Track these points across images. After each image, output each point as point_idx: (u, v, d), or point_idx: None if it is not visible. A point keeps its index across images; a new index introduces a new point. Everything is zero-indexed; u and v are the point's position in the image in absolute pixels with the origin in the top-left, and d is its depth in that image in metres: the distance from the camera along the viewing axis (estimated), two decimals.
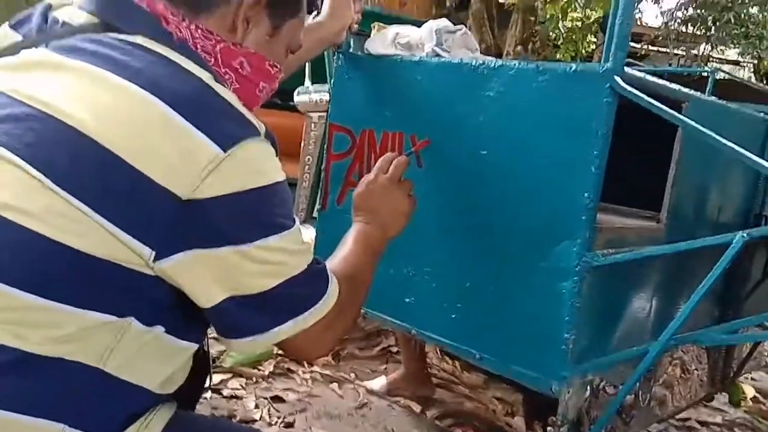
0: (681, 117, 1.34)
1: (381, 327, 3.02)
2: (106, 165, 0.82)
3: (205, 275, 0.87)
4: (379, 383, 2.62)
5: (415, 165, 1.66)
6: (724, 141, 1.28)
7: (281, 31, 1.05)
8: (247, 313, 0.91)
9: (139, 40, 0.91)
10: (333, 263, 1.13)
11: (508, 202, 1.52)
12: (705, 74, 2.32)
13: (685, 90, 1.61)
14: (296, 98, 3.96)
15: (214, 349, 1.18)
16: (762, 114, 2.06)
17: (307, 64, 4.11)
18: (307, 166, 3.87)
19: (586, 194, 1.38)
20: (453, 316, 1.64)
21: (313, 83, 4.10)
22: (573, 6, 9.42)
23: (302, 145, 3.92)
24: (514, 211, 1.51)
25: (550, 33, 9.57)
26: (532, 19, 8.81)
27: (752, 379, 3.37)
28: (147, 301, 0.88)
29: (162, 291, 0.88)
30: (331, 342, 1.03)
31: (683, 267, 1.70)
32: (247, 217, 0.88)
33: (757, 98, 2.57)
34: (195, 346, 0.99)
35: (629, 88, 1.32)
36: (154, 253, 0.84)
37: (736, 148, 1.27)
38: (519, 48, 8.02)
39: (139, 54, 0.89)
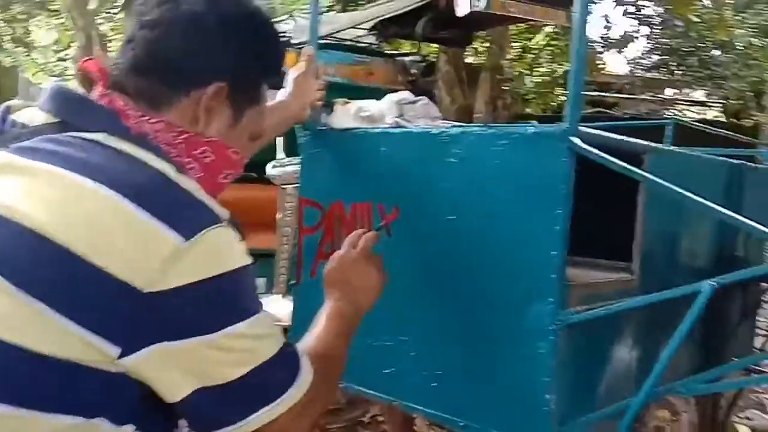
0: (640, 172, 1.36)
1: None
2: (65, 264, 0.81)
3: (171, 368, 0.86)
4: None
5: (385, 235, 1.67)
6: (685, 193, 1.30)
7: (242, 119, 1.06)
8: (216, 405, 0.90)
9: (98, 137, 0.92)
10: (305, 344, 1.12)
11: (478, 266, 1.53)
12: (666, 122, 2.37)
13: (644, 143, 1.64)
14: (270, 171, 3.99)
15: None
16: (722, 158, 2.10)
17: (278, 137, 4.17)
18: (285, 238, 3.87)
19: (553, 252, 1.39)
20: (433, 384, 1.62)
21: (286, 156, 4.15)
22: (539, 62, 9.67)
23: (278, 217, 3.94)
24: (486, 275, 1.51)
25: (519, 89, 9.79)
26: (500, 77, 9.02)
27: (747, 418, 3.33)
28: (116, 400, 0.87)
29: (131, 388, 0.87)
30: (307, 426, 1.01)
31: (659, 316, 1.70)
32: (212, 305, 0.87)
33: (719, 141, 2.62)
34: None
35: (587, 147, 1.35)
36: (119, 350, 0.83)
37: (697, 198, 1.28)
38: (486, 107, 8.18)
39: (98, 150, 0.89)
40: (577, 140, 1.36)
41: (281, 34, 1.18)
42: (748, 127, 13.20)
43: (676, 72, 15.53)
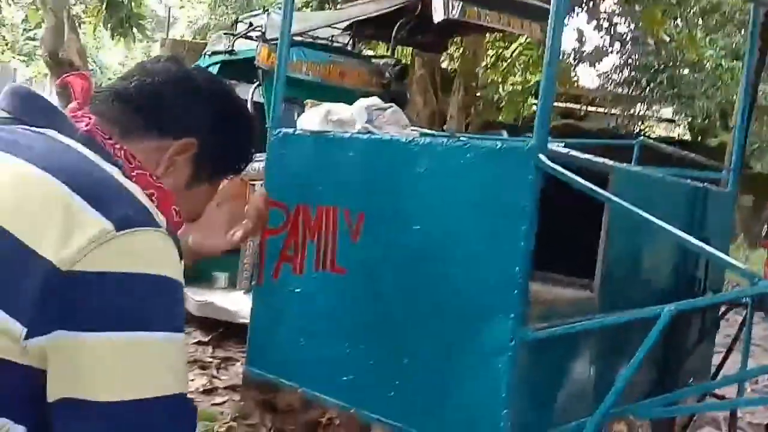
0: (604, 193, 1.37)
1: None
2: None
3: (58, 362, 0.79)
4: None
5: (351, 241, 1.66)
6: (647, 216, 1.31)
7: (196, 187, 1.08)
8: (77, 425, 0.79)
9: (49, 132, 0.91)
10: None
11: (441, 277, 1.52)
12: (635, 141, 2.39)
13: (610, 163, 1.65)
14: None
15: None
16: (688, 180, 2.12)
17: None
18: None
19: (516, 269, 1.39)
20: (391, 393, 1.61)
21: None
22: (512, 71, 9.74)
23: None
24: (448, 287, 1.50)
25: (492, 96, 9.85)
26: (474, 84, 9.07)
27: None
28: (20, 398, 0.81)
29: (30, 381, 0.80)
30: None
31: (619, 336, 1.71)
32: (123, 302, 0.80)
33: (685, 162, 2.65)
34: None
35: (553, 166, 1.35)
36: (25, 330, 0.78)
37: (658, 222, 1.29)
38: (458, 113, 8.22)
39: (47, 141, 0.89)
40: (543, 158, 1.36)
41: (252, 151, 1.21)
42: (713, 147, 13.49)
43: (645, 88, 15.78)
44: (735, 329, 2.07)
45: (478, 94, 9.54)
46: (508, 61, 10.42)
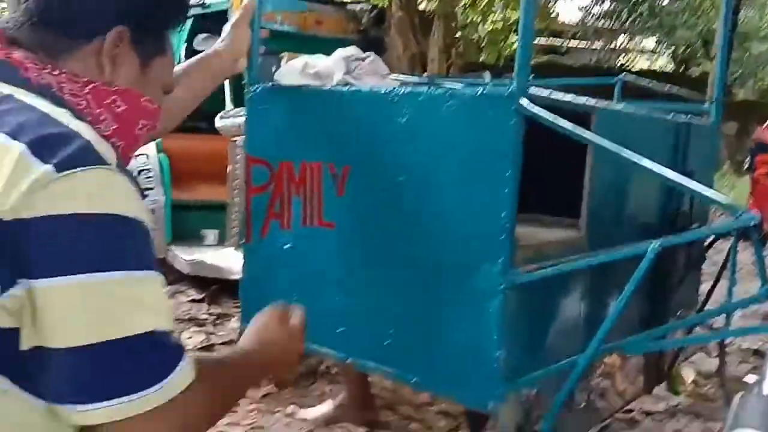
0: (586, 135, 1.37)
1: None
2: None
3: (24, 312, 0.76)
4: (324, 409, 2.59)
5: (337, 194, 1.66)
6: (629, 155, 1.31)
7: (150, 67, 1.01)
8: (52, 373, 0.77)
9: None
10: (209, 360, 1.00)
11: (429, 226, 1.53)
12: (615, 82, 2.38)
13: (592, 102, 1.65)
14: (218, 123, 3.91)
15: None
16: (671, 114, 2.12)
17: (227, 87, 4.08)
18: (236, 191, 3.82)
19: (502, 214, 1.40)
20: (386, 342, 1.63)
21: (235, 107, 4.07)
22: (492, 9, 9.59)
23: (229, 169, 3.88)
24: (436, 236, 1.51)
25: (472, 37, 9.71)
26: (453, 24, 8.93)
27: (692, 362, 3.45)
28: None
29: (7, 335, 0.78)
30: None
31: (607, 274, 1.73)
32: (75, 244, 0.76)
33: (668, 97, 2.65)
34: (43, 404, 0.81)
35: (535, 109, 1.35)
36: None
37: (641, 161, 1.30)
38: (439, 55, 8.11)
39: None
40: (525, 102, 1.35)
41: None
42: (696, 77, 13.44)
43: (626, 20, 15.62)
44: (723, 256, 2.09)
45: (458, 35, 9.41)
46: None
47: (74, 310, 0.76)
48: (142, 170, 4.25)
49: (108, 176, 0.81)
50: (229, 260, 3.91)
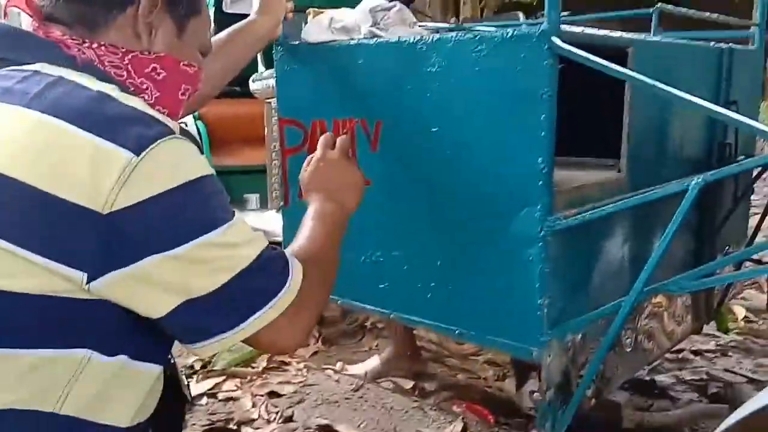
0: (623, 71, 1.32)
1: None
2: (17, 196, 0.80)
3: (147, 287, 0.84)
4: (371, 364, 2.62)
5: (371, 150, 1.64)
6: (670, 89, 1.26)
7: (186, 31, 1.02)
8: (202, 316, 0.87)
9: (37, 67, 0.89)
10: (295, 247, 1.08)
11: (465, 175, 1.50)
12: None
13: (628, 36, 1.59)
14: (252, 85, 3.90)
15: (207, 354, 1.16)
16: (712, 43, 2.04)
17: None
18: (274, 153, 3.82)
19: (539, 159, 1.37)
20: (428, 295, 1.63)
21: (267, 68, 4.05)
22: None
23: (266, 131, 3.88)
24: (473, 184, 1.49)
25: None
26: None
27: (743, 298, 3.39)
28: (95, 327, 0.85)
29: (112, 314, 0.85)
30: (303, 331, 0.97)
31: (649, 213, 1.69)
32: (173, 219, 0.84)
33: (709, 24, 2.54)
34: (160, 368, 0.95)
35: (568, 47, 1.30)
36: (85, 275, 0.81)
37: (683, 95, 1.25)
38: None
39: (36, 80, 0.87)
40: (557, 40, 1.30)
41: None
42: (739, 2, 12.88)
43: None
44: None
45: None
46: None
47: (198, 268, 0.85)
48: None
49: (176, 145, 0.86)
50: (272, 223, 3.94)
